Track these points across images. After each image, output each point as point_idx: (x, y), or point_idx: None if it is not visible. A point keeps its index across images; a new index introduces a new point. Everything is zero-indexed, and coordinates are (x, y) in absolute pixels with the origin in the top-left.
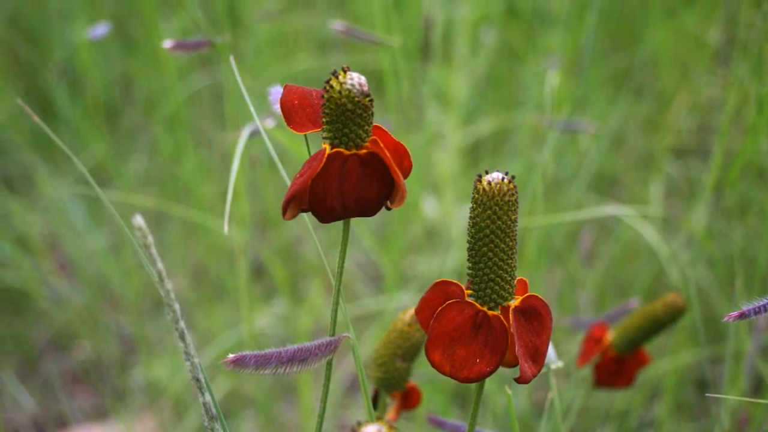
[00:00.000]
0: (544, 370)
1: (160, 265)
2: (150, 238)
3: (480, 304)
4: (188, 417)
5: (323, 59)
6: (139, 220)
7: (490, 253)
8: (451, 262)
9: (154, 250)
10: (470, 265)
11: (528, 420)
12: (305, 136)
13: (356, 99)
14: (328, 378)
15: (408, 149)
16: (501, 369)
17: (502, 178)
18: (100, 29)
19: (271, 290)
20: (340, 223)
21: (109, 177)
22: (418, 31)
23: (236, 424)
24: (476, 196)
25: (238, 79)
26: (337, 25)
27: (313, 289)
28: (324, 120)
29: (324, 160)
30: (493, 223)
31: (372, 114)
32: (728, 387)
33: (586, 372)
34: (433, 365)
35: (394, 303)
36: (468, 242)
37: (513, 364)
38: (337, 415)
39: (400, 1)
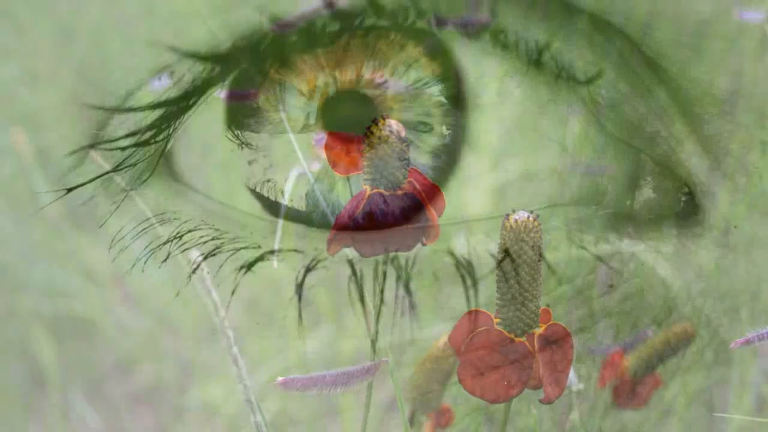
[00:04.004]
0: (566, 391)
1: (215, 295)
2: (206, 271)
3: (507, 332)
4: None
5: None
6: (195, 254)
7: (516, 285)
8: (481, 293)
9: (209, 282)
10: (498, 296)
11: None
12: (347, 178)
13: (394, 144)
14: (369, 399)
15: (441, 190)
16: (526, 390)
17: (528, 217)
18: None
19: (316, 318)
20: (379, 258)
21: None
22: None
23: None
24: (504, 232)
25: (286, 125)
26: None
27: (355, 318)
28: (364, 163)
29: (364, 200)
30: (519, 258)
31: (409, 158)
32: (734, 407)
33: (605, 394)
34: (465, 388)
35: (429, 331)
36: (496, 275)
37: (538, 386)
38: None
39: None
